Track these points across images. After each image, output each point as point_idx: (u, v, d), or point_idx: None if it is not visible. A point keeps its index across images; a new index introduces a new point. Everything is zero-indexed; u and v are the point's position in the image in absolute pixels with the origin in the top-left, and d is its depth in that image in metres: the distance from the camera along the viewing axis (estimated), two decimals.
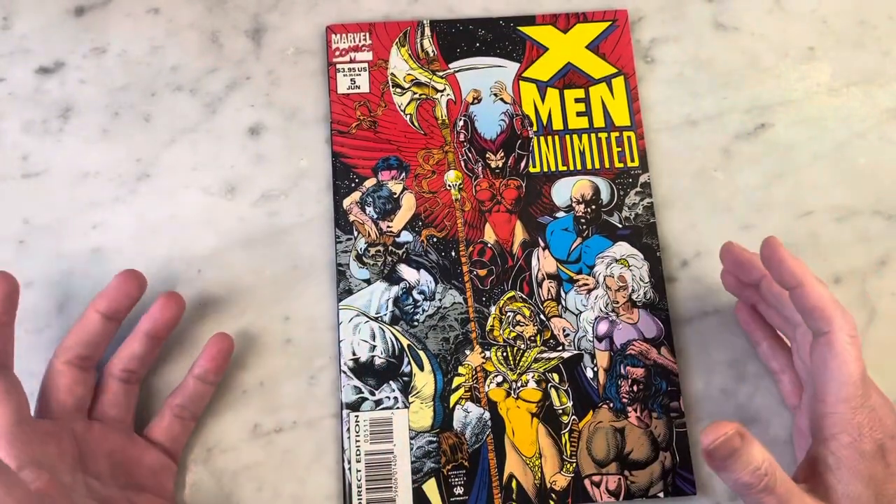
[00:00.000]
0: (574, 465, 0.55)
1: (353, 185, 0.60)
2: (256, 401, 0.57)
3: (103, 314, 0.52)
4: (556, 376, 0.57)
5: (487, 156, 0.61)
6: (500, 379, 0.57)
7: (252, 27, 0.64)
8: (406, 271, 0.59)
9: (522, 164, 0.61)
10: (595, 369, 0.57)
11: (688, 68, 0.65)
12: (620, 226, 0.60)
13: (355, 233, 0.59)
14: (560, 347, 0.58)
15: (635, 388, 0.57)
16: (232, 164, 0.61)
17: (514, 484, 0.55)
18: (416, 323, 0.58)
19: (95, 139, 0.61)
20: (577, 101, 0.63)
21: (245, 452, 0.56)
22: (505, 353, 0.57)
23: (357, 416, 0.56)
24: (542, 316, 0.58)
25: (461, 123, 0.62)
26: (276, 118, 0.62)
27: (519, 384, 0.57)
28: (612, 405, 0.57)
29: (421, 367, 0.57)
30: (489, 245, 0.60)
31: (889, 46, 0.66)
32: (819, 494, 0.45)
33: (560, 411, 0.56)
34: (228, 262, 0.59)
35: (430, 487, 0.55)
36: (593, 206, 0.61)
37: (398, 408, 0.56)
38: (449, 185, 0.61)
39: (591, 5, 0.66)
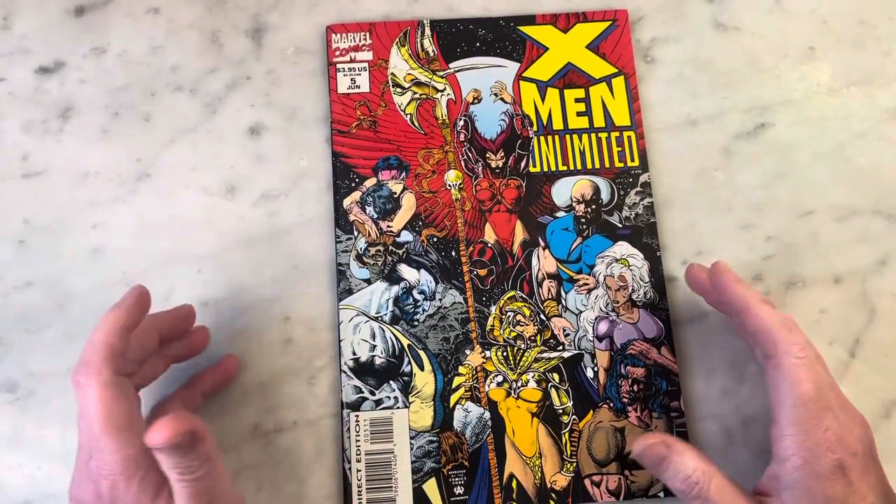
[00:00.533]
0: (574, 464, 0.55)
1: (353, 184, 0.60)
2: (256, 401, 0.57)
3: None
4: (556, 376, 0.57)
5: (488, 155, 0.61)
6: (500, 379, 0.57)
7: (252, 27, 0.64)
8: (406, 271, 0.59)
9: (523, 164, 0.61)
10: (595, 369, 0.57)
11: (688, 68, 0.65)
12: (620, 225, 0.60)
13: (355, 232, 0.59)
14: (560, 347, 0.58)
15: (635, 387, 0.57)
16: (232, 164, 0.61)
17: (514, 484, 0.55)
18: (416, 323, 0.58)
19: (95, 139, 0.61)
20: (578, 100, 0.63)
21: (245, 452, 0.56)
22: (505, 353, 0.57)
23: (357, 416, 0.56)
24: (542, 316, 0.58)
25: (461, 123, 0.62)
26: (276, 118, 0.62)
27: (519, 384, 0.57)
28: (612, 405, 0.57)
29: (421, 367, 0.57)
30: (489, 245, 0.60)
31: (889, 46, 0.66)
32: None
33: (560, 411, 0.56)
34: (228, 262, 0.59)
35: (431, 487, 0.55)
36: (593, 206, 0.61)
37: (398, 407, 0.56)
38: (449, 185, 0.61)
39: (590, 5, 0.66)
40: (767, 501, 0.47)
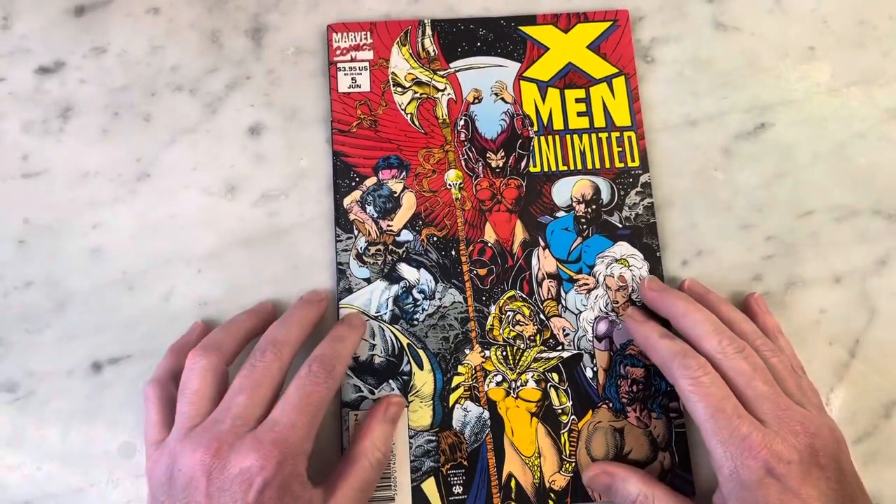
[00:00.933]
0: (573, 464, 0.55)
1: (353, 183, 0.60)
2: None
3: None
4: (555, 376, 0.57)
5: (488, 155, 0.61)
6: (499, 378, 0.57)
7: (252, 27, 0.64)
8: (406, 270, 0.59)
9: (523, 164, 0.61)
10: (595, 369, 0.57)
11: (688, 68, 0.65)
12: (621, 226, 0.60)
13: (355, 231, 0.59)
14: (560, 347, 0.58)
15: (635, 388, 0.57)
16: (232, 164, 0.61)
17: (513, 483, 0.55)
18: (415, 322, 0.58)
19: (95, 139, 0.61)
20: (578, 101, 0.63)
21: None
22: (504, 353, 0.57)
23: (357, 415, 0.56)
24: (541, 315, 0.58)
25: (462, 123, 0.62)
26: (276, 118, 0.62)
27: (518, 384, 0.57)
28: (611, 405, 0.57)
29: (420, 366, 0.57)
30: (489, 244, 0.60)
31: (889, 46, 0.66)
32: None
33: (559, 411, 0.56)
34: (228, 262, 0.59)
35: (430, 486, 0.55)
36: (594, 206, 0.61)
37: None
38: (449, 185, 0.61)
39: (590, 5, 0.66)
40: None
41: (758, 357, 0.51)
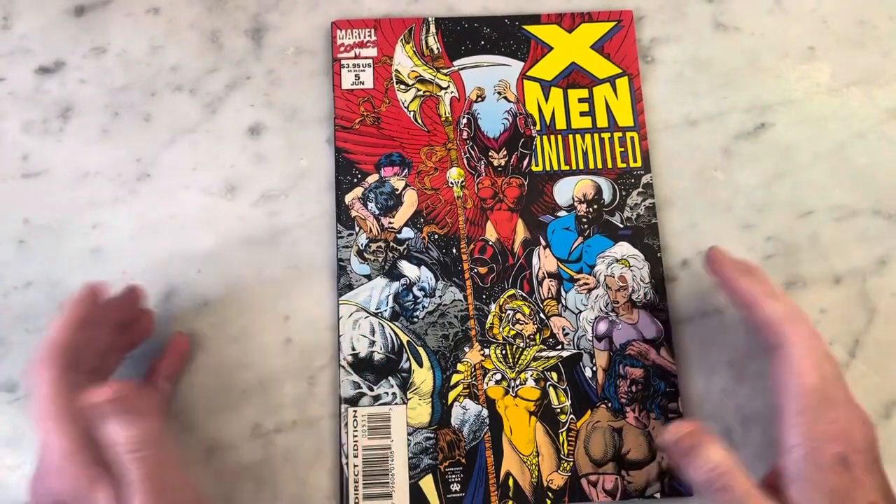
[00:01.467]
0: (571, 464, 0.55)
1: (355, 180, 0.60)
2: (256, 401, 0.57)
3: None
4: (554, 375, 0.57)
5: (490, 154, 0.61)
6: (498, 377, 0.57)
7: (252, 27, 0.64)
8: (407, 268, 0.59)
9: (525, 163, 0.61)
10: (594, 369, 0.57)
11: (688, 68, 0.65)
12: (622, 226, 0.60)
13: (357, 228, 0.59)
14: (559, 346, 0.58)
15: (634, 388, 0.57)
16: (232, 164, 0.61)
17: (510, 482, 0.55)
18: (415, 319, 0.58)
19: (95, 139, 0.62)
20: (581, 100, 0.63)
21: (245, 452, 0.56)
22: (504, 351, 0.57)
23: (355, 412, 0.56)
24: (541, 314, 0.58)
25: (464, 121, 0.62)
26: (276, 118, 0.62)
27: (517, 382, 0.57)
28: (610, 405, 0.57)
29: (420, 364, 0.57)
30: (490, 243, 0.60)
31: (889, 46, 0.66)
32: (781, 503, 0.46)
33: (558, 410, 0.56)
34: (228, 262, 0.59)
35: (427, 483, 0.55)
36: (595, 206, 0.61)
37: (396, 403, 0.56)
38: (451, 183, 0.61)
39: (590, 5, 0.66)
40: (777, 496, 0.47)
41: None
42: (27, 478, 0.51)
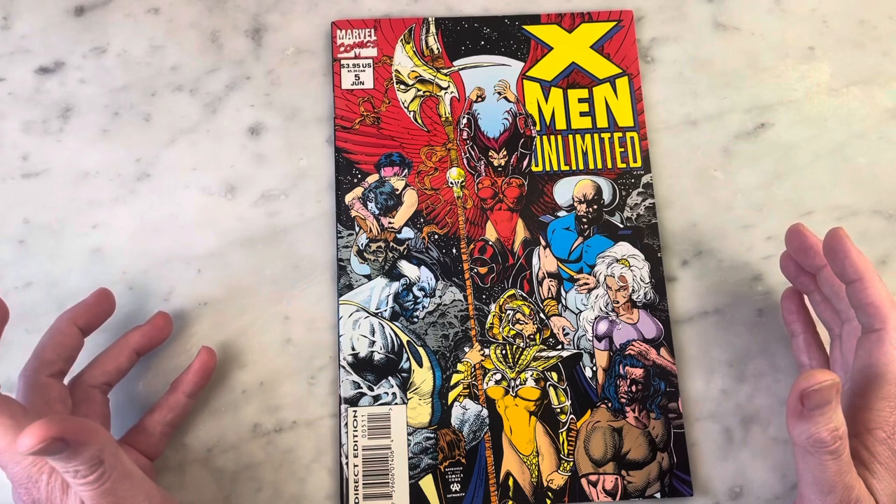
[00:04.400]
0: (571, 464, 0.55)
1: (355, 180, 0.60)
2: (256, 401, 0.57)
3: (82, 329, 0.52)
4: (554, 375, 0.57)
5: (490, 154, 0.61)
6: (498, 377, 0.57)
7: (252, 27, 0.64)
8: (407, 268, 0.59)
9: (525, 163, 0.61)
10: (594, 369, 0.57)
11: (688, 68, 0.65)
12: (622, 226, 0.60)
13: (357, 228, 0.59)
14: (559, 346, 0.58)
15: (634, 388, 0.57)
16: (232, 164, 0.61)
17: (510, 482, 0.55)
18: (415, 319, 0.58)
19: (95, 139, 0.61)
20: (581, 101, 0.63)
21: (245, 452, 0.56)
22: (504, 351, 0.57)
23: (355, 412, 0.56)
24: (541, 314, 0.58)
25: (464, 121, 0.62)
26: (276, 118, 0.62)
27: (517, 382, 0.57)
28: (610, 405, 0.57)
29: (420, 364, 0.57)
30: (490, 243, 0.60)
31: (889, 46, 0.66)
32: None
33: (558, 410, 0.56)
34: (228, 262, 0.59)
35: (427, 483, 0.55)
36: (595, 206, 0.61)
37: (396, 403, 0.56)
38: (451, 183, 0.61)
39: (590, 5, 0.66)
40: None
41: None
42: None
